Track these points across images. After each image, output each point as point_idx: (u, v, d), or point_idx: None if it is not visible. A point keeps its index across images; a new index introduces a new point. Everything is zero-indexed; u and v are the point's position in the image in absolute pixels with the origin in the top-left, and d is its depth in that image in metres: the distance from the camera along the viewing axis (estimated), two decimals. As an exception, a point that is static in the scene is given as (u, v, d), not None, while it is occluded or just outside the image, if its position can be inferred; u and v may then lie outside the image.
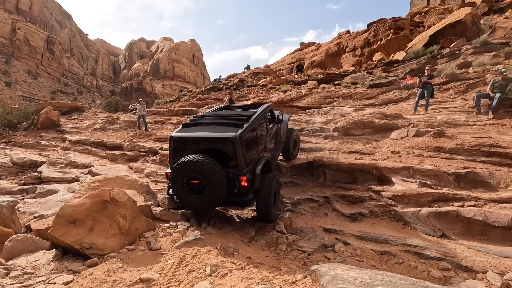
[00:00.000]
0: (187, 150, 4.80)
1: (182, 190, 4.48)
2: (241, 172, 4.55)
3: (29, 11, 71.51)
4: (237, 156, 4.55)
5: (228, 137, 4.57)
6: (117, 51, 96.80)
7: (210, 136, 4.72)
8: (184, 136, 4.88)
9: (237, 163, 4.58)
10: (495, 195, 4.85)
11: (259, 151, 5.34)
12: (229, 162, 4.62)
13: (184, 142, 4.88)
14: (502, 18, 17.07)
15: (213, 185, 4.28)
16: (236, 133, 4.57)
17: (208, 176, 4.25)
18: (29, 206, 6.04)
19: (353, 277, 2.42)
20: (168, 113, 16.29)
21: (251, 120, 5.14)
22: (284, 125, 7.33)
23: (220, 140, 4.67)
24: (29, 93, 52.80)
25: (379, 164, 6.38)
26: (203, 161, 4.24)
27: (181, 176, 4.39)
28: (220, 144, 4.69)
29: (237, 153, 4.54)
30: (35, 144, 12.16)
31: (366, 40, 27.02)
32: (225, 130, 4.74)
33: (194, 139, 4.83)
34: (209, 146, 4.72)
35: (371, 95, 12.14)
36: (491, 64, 10.72)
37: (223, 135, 4.64)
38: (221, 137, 4.64)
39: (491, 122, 7.41)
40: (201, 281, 2.74)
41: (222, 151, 4.65)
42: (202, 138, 4.77)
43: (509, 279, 3.57)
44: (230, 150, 4.60)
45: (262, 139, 5.59)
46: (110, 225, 3.77)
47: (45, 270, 3.12)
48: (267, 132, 6.00)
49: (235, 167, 4.60)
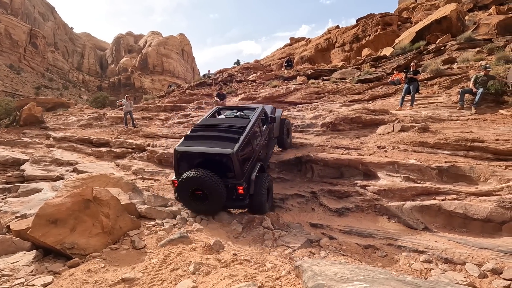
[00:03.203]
0: (189, 161, 5.36)
1: (188, 198, 5.08)
2: (238, 183, 5.14)
3: (10, 3, 68.79)
4: (235, 169, 5.10)
5: (226, 153, 5.08)
6: (104, 45, 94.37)
7: (209, 152, 5.25)
8: (186, 151, 5.37)
9: (234, 175, 5.13)
10: (475, 188, 4.99)
11: (254, 158, 5.80)
12: (227, 173, 5.16)
13: (186, 155, 5.39)
14: (486, 14, 17.42)
15: (214, 195, 4.87)
16: (233, 149, 5.08)
17: (210, 189, 4.83)
18: (11, 206, 5.88)
19: (334, 272, 2.46)
20: (156, 109, 16.05)
21: (246, 132, 5.61)
22: (277, 120, 7.65)
23: (218, 155, 5.19)
24: (11, 89, 51.06)
25: (365, 159, 6.46)
26: (205, 177, 4.80)
27: (186, 188, 4.95)
28: (219, 158, 5.21)
29: (234, 166, 5.08)
30: (17, 142, 11.81)
31: (355, 35, 27.18)
32: (223, 146, 5.23)
33: (196, 153, 5.34)
34: (209, 159, 5.25)
35: (359, 91, 12.25)
36: (474, 60, 10.95)
37: (222, 151, 5.15)
38: (220, 153, 5.16)
39: (474, 117, 7.60)
40: (184, 279, 2.73)
41: (219, 163, 5.18)
42: (202, 154, 5.30)
43: (486, 269, 3.70)
44: (228, 163, 5.12)
45: (256, 145, 6.02)
46: (92, 225, 3.71)
47: (24, 271, 3.05)
48: (261, 136, 6.45)
49: (233, 177, 5.15)
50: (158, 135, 11.36)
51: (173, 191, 5.97)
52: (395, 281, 2.19)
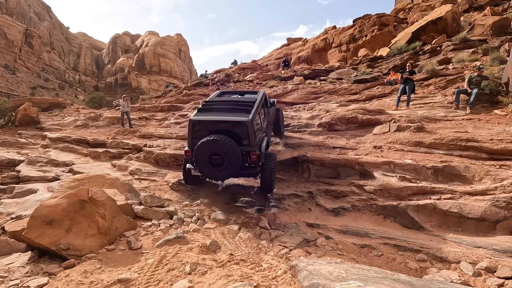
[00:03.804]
0: (203, 131, 5.54)
1: (204, 164, 5.24)
2: (252, 149, 5.47)
3: (5, 3, 68.18)
4: (249, 136, 5.44)
5: (242, 121, 5.45)
6: (100, 45, 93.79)
7: (227, 119, 5.55)
8: (203, 119, 5.63)
9: (249, 142, 5.45)
10: (470, 188, 5.04)
11: (262, 132, 6.24)
12: (241, 141, 5.44)
13: (202, 124, 5.63)
14: (481, 15, 17.56)
15: (232, 159, 5.12)
16: (249, 118, 5.48)
17: (229, 152, 5.08)
18: (6, 207, 5.84)
19: (329, 271, 2.48)
20: (153, 109, 15.98)
21: (256, 106, 6.02)
22: (273, 107, 8.31)
23: (235, 123, 5.49)
24: (7, 89, 50.60)
25: (361, 159, 6.50)
26: (225, 140, 5.08)
27: (205, 152, 5.15)
28: (234, 126, 5.50)
29: (249, 133, 5.43)
30: (12, 142, 11.72)
31: (352, 36, 27.28)
32: (239, 115, 5.60)
33: (212, 122, 5.58)
34: (224, 128, 5.48)
35: (355, 91, 12.30)
36: (469, 61, 11.03)
37: (239, 119, 5.50)
38: (237, 121, 5.49)
39: (468, 117, 7.67)
40: (180, 279, 2.74)
41: (234, 132, 5.45)
42: (220, 121, 5.55)
43: (481, 268, 3.74)
44: (243, 131, 5.45)
45: (263, 122, 6.53)
46: (88, 225, 3.69)
47: (19, 273, 3.03)
48: (265, 116, 6.95)
49: (246, 145, 5.47)
50: (155, 136, 11.32)
51: (170, 191, 5.98)
52: (389, 280, 2.21)
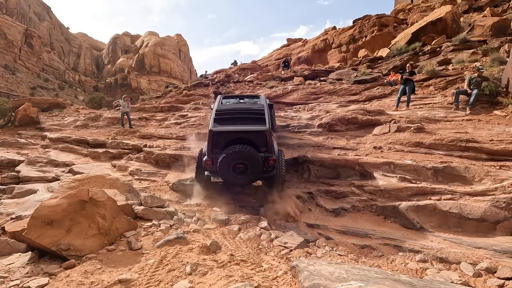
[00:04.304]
0: (222, 140, 5.83)
1: (229, 172, 5.55)
2: (270, 155, 5.85)
3: (5, 3, 68.12)
4: (267, 144, 5.84)
5: (262, 130, 5.87)
6: (100, 45, 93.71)
7: (247, 129, 5.90)
8: (223, 130, 5.89)
9: (267, 148, 5.84)
10: (470, 188, 5.04)
11: (272, 135, 6.50)
12: (259, 148, 5.79)
13: (221, 134, 5.88)
14: (480, 16, 17.59)
15: (255, 167, 5.48)
16: (266, 126, 5.94)
17: (252, 161, 5.44)
18: (6, 207, 5.82)
19: (330, 272, 2.48)
20: (153, 110, 15.98)
21: (266, 113, 6.38)
22: (272, 110, 8.49)
23: (255, 132, 5.86)
24: (6, 89, 50.55)
25: (362, 160, 6.50)
26: (249, 150, 5.44)
27: (230, 162, 5.46)
28: (254, 135, 5.85)
29: (267, 141, 5.84)
30: (12, 142, 11.71)
31: (352, 36, 27.31)
32: (256, 124, 6.01)
33: (233, 132, 5.86)
34: (243, 137, 5.79)
35: (355, 91, 12.31)
36: (469, 61, 11.04)
37: (258, 128, 5.90)
38: (257, 130, 5.87)
39: (468, 118, 7.67)
40: (181, 280, 2.73)
41: (252, 140, 5.78)
42: (241, 132, 5.85)
43: (481, 268, 3.74)
44: (262, 139, 5.83)
45: (272, 125, 6.88)
46: (89, 226, 3.69)
47: (20, 273, 3.03)
48: (271, 118, 7.24)
49: (265, 152, 5.83)
50: (155, 136, 11.32)
51: (171, 191, 6.04)
52: (390, 281, 2.21)
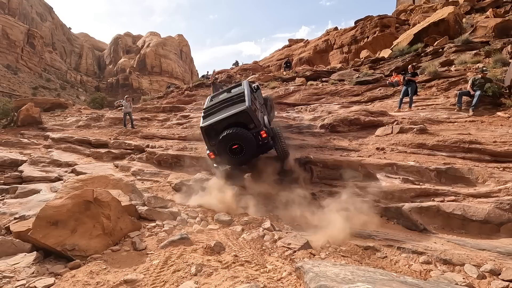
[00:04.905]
0: (215, 132, 6.32)
1: (227, 154, 6.13)
2: (261, 128, 6.35)
3: (8, 3, 68.34)
4: (253, 119, 6.33)
5: (242, 109, 6.29)
6: (102, 45, 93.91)
7: (230, 113, 6.37)
8: (211, 123, 6.45)
9: (254, 124, 6.33)
10: (474, 190, 5.03)
11: (259, 112, 7.09)
12: (248, 126, 6.29)
13: (211, 127, 6.42)
14: (483, 17, 17.56)
15: (249, 144, 6.01)
16: (246, 105, 6.36)
17: (244, 139, 5.96)
18: (9, 207, 5.86)
19: (335, 273, 2.48)
20: (155, 110, 16.02)
21: (247, 94, 6.85)
22: (259, 92, 9.27)
23: (237, 114, 6.30)
24: (8, 89, 50.73)
25: (364, 161, 6.50)
26: (239, 130, 6.01)
27: (226, 144, 6.02)
28: (238, 116, 6.29)
29: (252, 117, 6.33)
30: (15, 142, 11.76)
31: (353, 37, 27.31)
32: (237, 107, 6.46)
33: (219, 120, 6.37)
34: (231, 122, 6.27)
35: (357, 92, 12.29)
36: (472, 63, 11.03)
37: (239, 109, 6.33)
38: (238, 111, 6.30)
39: (471, 119, 7.66)
40: (186, 281, 2.74)
41: (240, 122, 6.26)
42: (225, 118, 6.34)
43: (485, 270, 3.74)
44: (247, 117, 6.30)
45: (256, 104, 7.38)
46: (93, 226, 3.71)
47: (25, 273, 3.04)
48: (255, 99, 7.75)
49: (254, 128, 6.31)
50: (157, 136, 11.35)
51: (173, 191, 6.09)
52: (396, 282, 2.21)
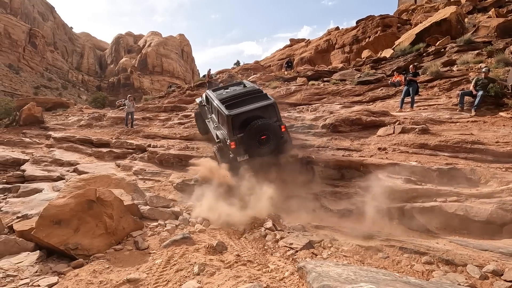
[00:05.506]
0: (238, 122, 6.48)
1: (255, 145, 6.32)
2: (282, 123, 6.82)
3: (9, 3, 68.55)
4: (277, 114, 6.78)
5: (271, 103, 6.73)
6: (103, 45, 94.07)
7: (260, 105, 6.64)
8: (239, 112, 6.53)
9: (277, 118, 6.75)
10: (476, 190, 5.02)
11: None
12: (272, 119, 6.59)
13: (238, 116, 6.50)
14: (485, 17, 17.51)
15: (276, 135, 6.36)
16: (272, 100, 6.83)
17: (273, 130, 6.31)
18: (12, 206, 5.88)
19: (338, 273, 2.48)
20: (157, 110, 16.04)
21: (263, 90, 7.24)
22: None
23: (266, 106, 6.65)
24: (10, 88, 50.91)
25: (366, 161, 6.49)
26: (268, 121, 6.35)
27: (256, 134, 6.23)
28: (265, 109, 6.62)
29: (277, 112, 6.78)
30: (17, 142, 11.80)
31: (355, 37, 27.26)
32: (263, 100, 6.78)
33: (248, 111, 6.52)
34: (255, 114, 6.50)
35: (359, 92, 12.28)
36: (474, 63, 11.00)
37: (267, 102, 6.72)
38: (268, 104, 6.68)
39: (474, 119, 7.64)
40: (189, 280, 2.75)
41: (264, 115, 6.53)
42: (254, 109, 6.56)
43: (487, 271, 3.73)
44: (272, 111, 6.70)
45: None
46: (96, 225, 3.72)
47: (29, 272, 3.06)
48: None
49: (276, 121, 6.65)
50: (159, 136, 11.36)
51: (175, 191, 6.09)
52: (400, 283, 2.21)
